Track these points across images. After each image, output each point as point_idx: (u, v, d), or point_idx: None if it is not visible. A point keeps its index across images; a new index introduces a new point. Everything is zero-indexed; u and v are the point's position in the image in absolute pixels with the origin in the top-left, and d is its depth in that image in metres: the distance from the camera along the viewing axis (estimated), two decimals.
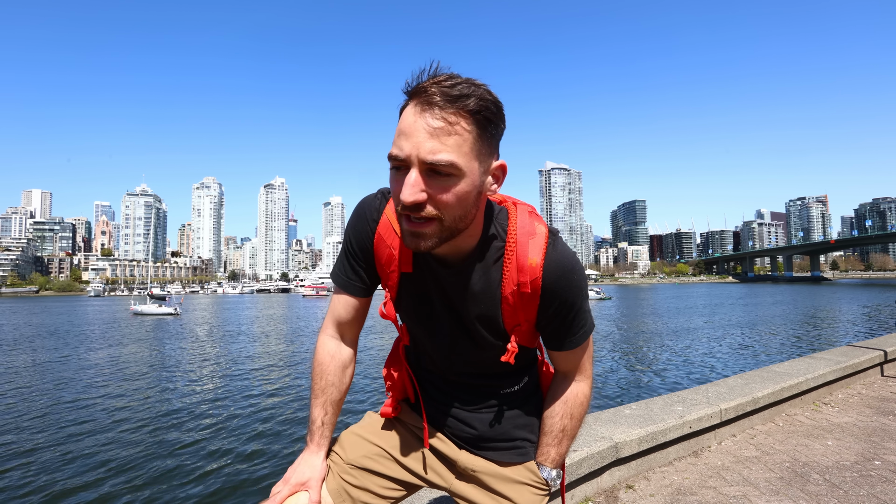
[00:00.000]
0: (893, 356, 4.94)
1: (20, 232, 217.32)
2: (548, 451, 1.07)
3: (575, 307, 0.94)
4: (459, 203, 0.77)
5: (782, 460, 2.84)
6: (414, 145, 0.73)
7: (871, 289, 74.81)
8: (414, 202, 0.74)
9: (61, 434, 8.37)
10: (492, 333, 0.96)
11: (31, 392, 11.79)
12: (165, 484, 6.23)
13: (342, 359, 1.08)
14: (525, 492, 1.04)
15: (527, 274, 0.89)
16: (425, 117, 0.73)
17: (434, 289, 0.96)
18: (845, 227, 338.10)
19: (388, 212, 0.96)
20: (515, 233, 0.90)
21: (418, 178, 0.74)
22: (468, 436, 1.06)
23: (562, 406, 1.05)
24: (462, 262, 0.91)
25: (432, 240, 0.79)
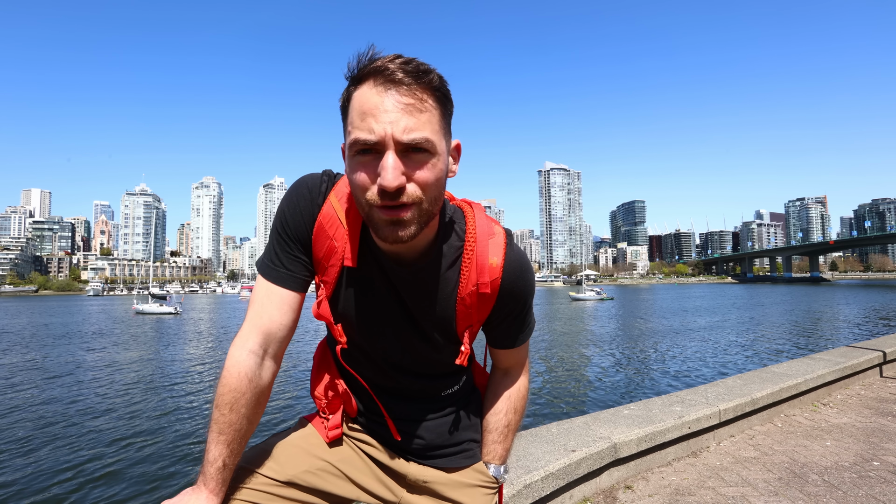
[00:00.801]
0: (892, 357, 4.95)
1: (19, 231, 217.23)
2: (494, 448, 1.05)
3: (527, 305, 0.95)
4: (437, 183, 0.73)
5: (781, 461, 2.84)
6: (387, 125, 0.67)
7: (871, 289, 74.93)
8: (398, 186, 0.68)
9: (76, 429, 8.37)
10: (444, 335, 0.92)
11: (46, 388, 11.81)
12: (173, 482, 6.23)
13: (262, 384, 0.86)
14: (477, 494, 1.01)
15: (486, 274, 0.86)
16: (392, 94, 0.68)
17: (384, 287, 0.88)
18: (844, 227, 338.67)
19: (333, 198, 0.86)
20: (475, 233, 0.87)
21: (396, 160, 0.68)
22: (417, 446, 1.00)
23: (505, 402, 1.05)
24: (419, 261, 0.85)
25: (413, 226, 0.73)
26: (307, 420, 1.05)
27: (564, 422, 2.78)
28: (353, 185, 0.74)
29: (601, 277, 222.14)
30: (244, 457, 0.90)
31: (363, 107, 0.69)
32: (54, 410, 9.98)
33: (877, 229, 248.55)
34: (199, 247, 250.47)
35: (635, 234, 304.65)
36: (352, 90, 0.72)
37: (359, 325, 0.91)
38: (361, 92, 0.70)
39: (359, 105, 0.70)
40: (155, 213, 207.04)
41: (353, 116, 0.71)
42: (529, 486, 2.04)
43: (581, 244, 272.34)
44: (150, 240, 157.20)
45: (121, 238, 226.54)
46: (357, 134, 0.69)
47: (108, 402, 10.71)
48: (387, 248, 0.83)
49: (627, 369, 13.50)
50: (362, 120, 0.69)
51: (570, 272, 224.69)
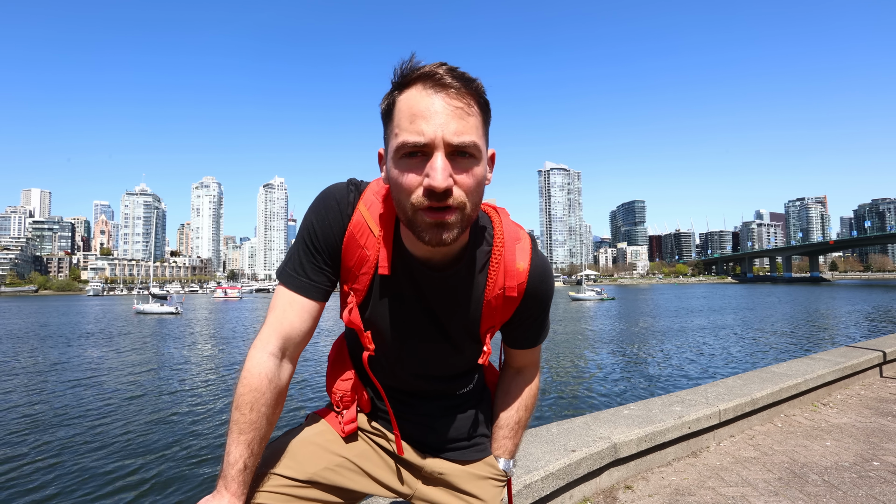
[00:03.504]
0: (892, 357, 4.95)
1: (19, 231, 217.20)
2: (505, 443, 1.09)
3: (545, 309, 0.99)
4: (478, 187, 0.74)
5: (781, 461, 2.84)
6: (437, 127, 0.69)
7: (871, 289, 74.94)
8: (447, 187, 0.69)
9: (80, 427, 8.37)
10: (468, 337, 0.96)
11: (53, 388, 11.81)
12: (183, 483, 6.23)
13: (280, 385, 0.87)
14: (487, 485, 1.05)
15: (514, 278, 0.89)
16: (443, 98, 0.70)
17: (413, 294, 0.90)
18: (844, 227, 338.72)
19: (362, 207, 0.87)
20: (503, 237, 0.89)
21: (445, 161, 0.69)
22: (431, 441, 1.05)
23: (518, 400, 1.09)
24: (451, 266, 0.87)
25: (456, 229, 0.74)
26: (319, 416, 1.05)
27: (564, 422, 2.78)
28: (396, 188, 0.74)
29: (601, 277, 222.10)
30: (262, 458, 0.89)
31: (412, 109, 0.70)
32: (56, 410, 9.98)
33: (877, 229, 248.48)
34: (199, 247, 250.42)
35: (635, 234, 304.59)
36: (396, 95, 0.73)
37: (386, 332, 0.93)
38: (409, 95, 0.71)
39: (407, 108, 0.71)
40: (155, 213, 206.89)
41: (399, 119, 0.71)
42: (529, 486, 2.04)
43: (581, 244, 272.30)
44: (150, 240, 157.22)
45: (121, 238, 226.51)
46: (405, 137, 0.70)
47: (111, 402, 10.71)
48: (421, 253, 0.85)
49: (627, 369, 13.50)
50: (411, 122, 0.69)
51: (570, 272, 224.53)
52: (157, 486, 6.19)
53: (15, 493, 6.06)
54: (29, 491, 6.11)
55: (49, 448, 7.63)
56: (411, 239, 0.84)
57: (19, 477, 6.52)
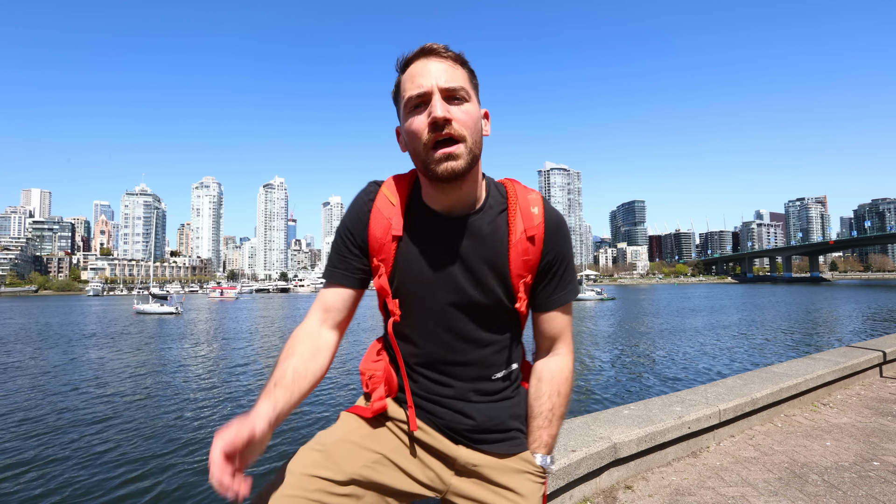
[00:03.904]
0: (892, 357, 4.95)
1: (19, 231, 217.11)
2: (539, 434, 1.05)
3: (567, 259, 1.04)
4: (474, 123, 0.90)
5: (781, 461, 2.84)
6: (432, 79, 0.87)
7: (871, 289, 74.93)
8: (444, 116, 0.85)
9: (84, 429, 8.37)
10: (499, 282, 0.98)
11: (56, 389, 11.81)
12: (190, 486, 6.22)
13: (320, 341, 1.00)
14: (524, 480, 1.02)
15: (531, 220, 0.98)
16: (433, 61, 0.89)
17: (438, 244, 0.98)
18: (844, 227, 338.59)
19: (384, 188, 1.02)
20: (515, 191, 1.02)
21: (442, 101, 0.86)
22: (465, 427, 1.01)
23: (548, 385, 1.05)
24: (469, 212, 0.97)
25: (462, 159, 0.87)
26: (350, 413, 1.07)
27: (564, 422, 2.77)
28: (410, 136, 0.90)
29: (601, 277, 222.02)
30: (301, 462, 0.93)
31: (412, 73, 0.89)
32: (59, 412, 9.98)
33: (877, 229, 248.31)
34: (199, 247, 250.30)
35: (635, 234, 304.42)
36: (401, 74, 0.92)
37: (415, 290, 0.99)
38: (410, 68, 0.90)
39: (409, 76, 0.90)
40: (155, 213, 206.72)
41: (405, 85, 0.90)
42: None
43: (581, 244, 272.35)
44: (150, 240, 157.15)
45: (121, 238, 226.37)
46: (410, 92, 0.88)
47: (115, 403, 10.70)
48: (442, 207, 0.97)
49: (627, 369, 13.50)
50: (413, 80, 0.88)
51: None
52: (163, 486, 6.19)
53: (16, 493, 6.06)
54: (31, 492, 6.11)
55: (52, 450, 7.63)
56: (431, 195, 0.97)
57: (21, 478, 6.51)
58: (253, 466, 0.79)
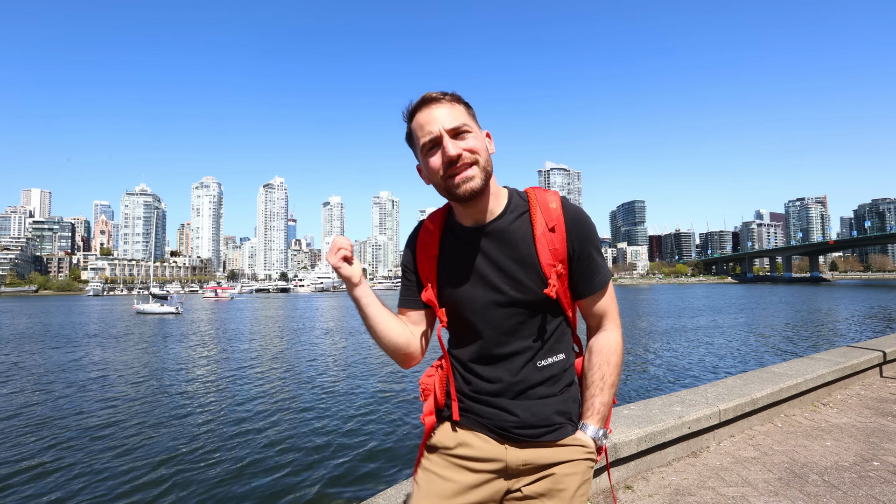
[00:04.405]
0: (892, 357, 4.95)
1: (19, 231, 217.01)
2: (592, 402, 1.14)
3: (593, 247, 1.13)
4: (482, 148, 1.06)
5: (781, 461, 2.84)
6: (438, 124, 1.04)
7: (871, 289, 74.89)
8: (457, 154, 1.02)
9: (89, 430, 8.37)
10: (530, 275, 1.09)
11: (57, 388, 11.81)
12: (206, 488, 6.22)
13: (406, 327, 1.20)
14: (571, 463, 1.10)
15: (551, 214, 1.11)
16: (435, 107, 1.05)
17: (471, 253, 1.13)
18: (844, 227, 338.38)
19: (427, 220, 1.23)
20: (534, 194, 1.15)
21: (452, 141, 1.04)
22: (511, 423, 1.10)
23: (598, 356, 1.16)
24: (493, 221, 1.12)
25: (478, 178, 1.04)
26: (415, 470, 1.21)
27: None
28: (430, 172, 1.08)
29: None
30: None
31: (420, 122, 1.06)
32: (64, 413, 9.98)
33: (877, 229, 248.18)
34: (199, 247, 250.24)
35: (635, 234, 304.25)
36: (410, 123, 1.10)
37: (459, 294, 1.14)
38: (417, 117, 1.07)
39: (418, 125, 1.07)
40: (155, 213, 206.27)
41: (416, 133, 1.08)
42: None
43: None
44: (150, 240, 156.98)
45: (121, 238, 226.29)
46: (424, 139, 1.06)
47: (119, 404, 10.70)
48: (470, 222, 1.13)
49: (627, 369, 13.49)
50: (423, 128, 1.06)
51: None
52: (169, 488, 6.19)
53: (20, 494, 6.06)
54: (38, 492, 6.11)
55: (56, 451, 7.62)
56: (460, 213, 1.14)
57: (25, 478, 6.51)
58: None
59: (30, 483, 6.33)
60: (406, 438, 7.75)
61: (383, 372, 13.51)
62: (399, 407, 9.68)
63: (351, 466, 6.68)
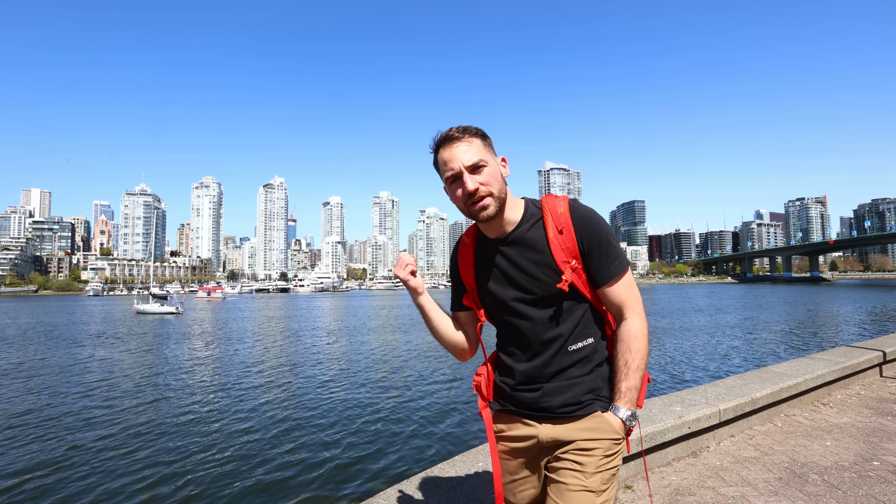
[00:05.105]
0: (892, 357, 4.95)
1: (19, 231, 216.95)
2: (618, 388, 1.27)
3: (603, 239, 1.27)
4: (495, 179, 1.25)
5: (781, 461, 2.84)
6: (459, 162, 1.23)
7: (871, 289, 74.88)
8: (476, 188, 1.22)
9: (94, 431, 8.37)
10: (548, 272, 1.27)
11: (59, 389, 11.81)
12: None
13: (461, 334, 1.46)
14: (596, 431, 1.25)
15: (560, 218, 1.28)
16: (455, 146, 1.24)
17: (497, 260, 1.34)
18: (844, 227, 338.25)
19: (465, 235, 1.45)
20: (546, 202, 1.33)
21: (471, 176, 1.23)
22: (545, 404, 1.28)
23: (621, 343, 1.28)
24: (513, 231, 1.32)
25: (493, 206, 1.24)
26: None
27: None
28: (455, 201, 1.28)
29: None
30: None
31: (444, 158, 1.26)
32: (69, 414, 9.98)
33: (877, 229, 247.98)
34: (199, 247, 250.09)
35: (635, 234, 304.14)
36: (435, 154, 1.29)
37: (492, 297, 1.35)
38: (441, 153, 1.27)
39: (442, 161, 1.27)
40: (155, 213, 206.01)
41: (441, 168, 1.28)
42: None
43: None
44: (150, 240, 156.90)
45: (121, 238, 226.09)
46: (446, 174, 1.26)
47: (124, 405, 10.70)
48: (493, 235, 1.34)
49: None
50: (446, 164, 1.25)
51: None
52: (170, 487, 6.20)
53: (23, 495, 6.06)
54: (37, 494, 6.11)
55: (59, 452, 7.62)
56: (485, 229, 1.35)
57: (27, 479, 6.52)
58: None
59: (32, 484, 6.33)
60: (407, 438, 7.75)
61: (384, 372, 13.51)
62: (400, 407, 9.68)
63: (351, 466, 6.68)
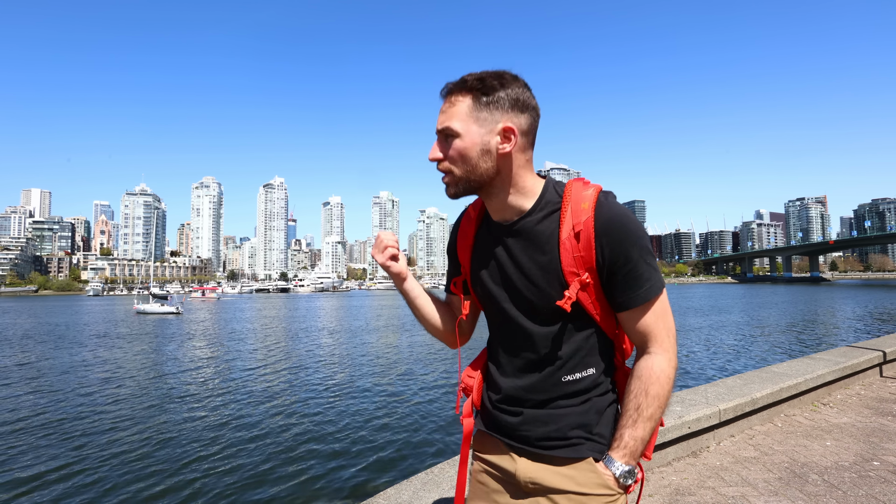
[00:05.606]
0: (892, 357, 4.95)
1: (19, 231, 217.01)
2: (621, 434, 0.98)
3: (631, 257, 0.95)
4: (461, 157, 0.97)
5: (781, 461, 2.84)
6: (436, 123, 1.00)
7: (871, 289, 74.88)
8: (432, 158, 1.01)
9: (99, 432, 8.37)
10: (551, 281, 0.98)
11: (62, 389, 11.82)
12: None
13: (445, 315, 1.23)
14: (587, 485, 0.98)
15: (580, 217, 0.96)
16: (443, 103, 1.00)
17: (497, 250, 1.07)
18: (844, 227, 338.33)
19: (470, 207, 1.19)
20: (570, 189, 1.01)
21: (436, 143, 1.01)
22: (522, 432, 1.03)
23: (637, 382, 0.98)
24: (521, 218, 1.03)
25: (452, 187, 1.01)
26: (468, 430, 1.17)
27: None
28: None
29: None
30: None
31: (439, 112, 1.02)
32: (74, 414, 9.99)
33: (877, 229, 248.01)
34: (199, 247, 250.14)
35: None
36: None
37: (485, 287, 1.09)
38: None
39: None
40: (155, 213, 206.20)
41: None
42: None
43: None
44: (151, 240, 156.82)
45: (121, 238, 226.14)
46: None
47: (128, 406, 10.70)
48: (498, 217, 1.07)
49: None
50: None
51: None
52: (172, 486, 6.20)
53: (27, 495, 6.06)
54: (39, 494, 6.11)
55: (62, 452, 7.62)
56: (489, 209, 1.07)
57: (30, 479, 6.52)
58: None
59: (35, 483, 6.33)
60: (409, 438, 7.75)
61: (385, 373, 13.51)
62: (400, 407, 9.68)
63: (352, 466, 6.68)
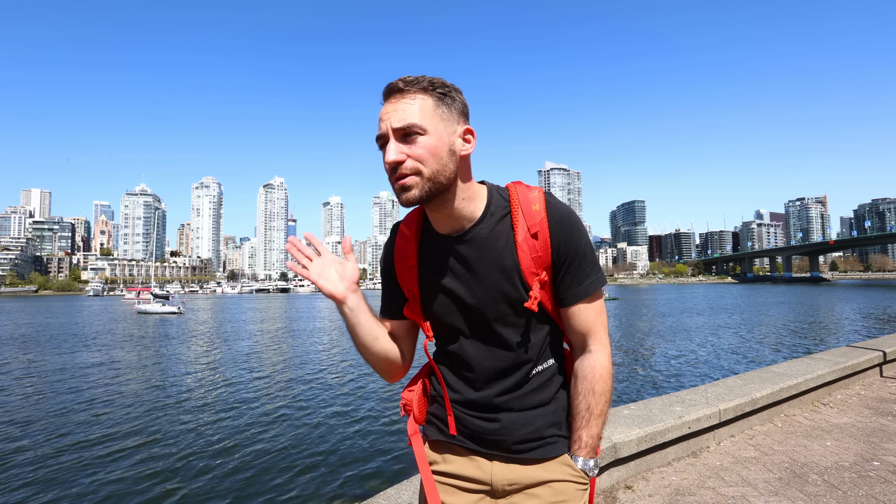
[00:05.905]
0: (892, 357, 4.95)
1: (19, 231, 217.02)
2: (578, 436, 1.03)
3: (580, 250, 1.00)
4: (431, 155, 0.90)
5: (781, 461, 2.84)
6: (387, 122, 0.90)
7: (871, 289, 74.88)
8: (395, 160, 0.89)
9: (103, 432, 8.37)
10: (512, 284, 0.99)
11: (64, 390, 11.83)
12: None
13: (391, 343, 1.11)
14: (566, 488, 1.01)
15: (533, 218, 0.99)
16: (393, 101, 0.92)
17: (451, 263, 1.03)
18: (844, 227, 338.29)
19: (403, 224, 1.11)
20: (517, 193, 1.02)
21: (395, 143, 0.90)
22: (500, 438, 1.02)
23: (583, 383, 1.03)
24: (471, 227, 1.00)
25: (417, 189, 0.91)
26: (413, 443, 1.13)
27: None
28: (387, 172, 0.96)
29: None
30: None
31: (381, 114, 0.93)
32: (71, 412, 9.99)
33: (877, 229, 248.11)
34: (199, 247, 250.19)
35: (635, 234, 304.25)
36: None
37: (441, 307, 1.05)
38: (383, 107, 0.93)
39: (380, 116, 0.93)
40: (155, 213, 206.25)
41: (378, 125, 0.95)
42: None
43: None
44: (151, 240, 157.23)
45: (121, 238, 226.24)
46: (378, 134, 0.93)
47: (132, 407, 10.70)
48: (445, 230, 1.02)
49: (628, 369, 13.50)
50: (379, 123, 0.93)
51: None
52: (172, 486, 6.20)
53: (27, 495, 6.06)
54: (41, 494, 6.11)
55: (64, 452, 7.63)
56: (432, 219, 1.03)
57: (31, 479, 6.52)
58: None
59: (36, 483, 6.33)
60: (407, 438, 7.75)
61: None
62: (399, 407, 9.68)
63: (352, 466, 6.68)
